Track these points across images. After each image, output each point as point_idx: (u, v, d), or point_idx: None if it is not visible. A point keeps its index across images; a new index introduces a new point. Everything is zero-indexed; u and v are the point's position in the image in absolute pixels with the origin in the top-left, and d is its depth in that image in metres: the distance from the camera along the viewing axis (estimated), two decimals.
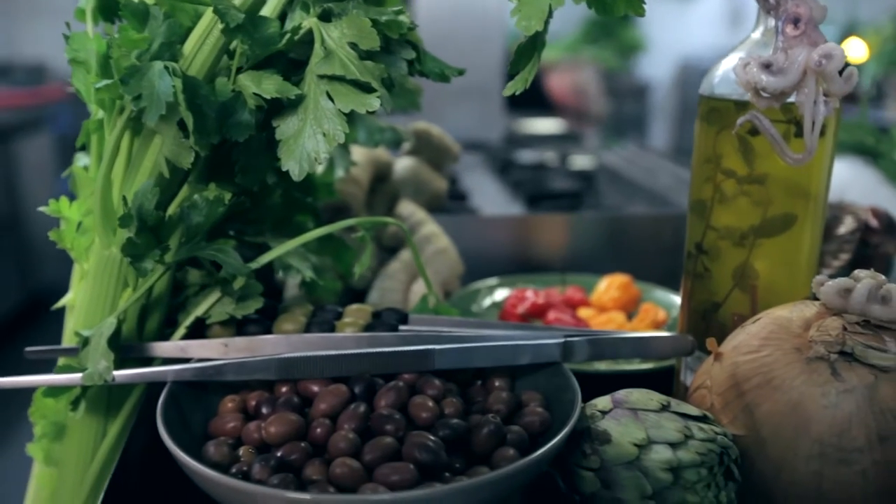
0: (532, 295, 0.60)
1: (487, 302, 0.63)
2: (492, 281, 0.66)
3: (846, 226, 0.55)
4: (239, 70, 0.39)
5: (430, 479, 0.35)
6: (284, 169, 0.38)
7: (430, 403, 0.39)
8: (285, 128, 0.39)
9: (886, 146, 0.64)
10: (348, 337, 0.44)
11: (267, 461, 0.35)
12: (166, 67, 0.34)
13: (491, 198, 1.42)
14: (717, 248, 0.46)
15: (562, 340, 0.44)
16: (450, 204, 1.31)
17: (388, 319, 0.47)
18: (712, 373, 0.40)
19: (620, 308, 0.61)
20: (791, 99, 0.41)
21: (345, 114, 0.38)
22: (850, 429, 0.34)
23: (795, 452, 0.35)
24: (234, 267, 0.40)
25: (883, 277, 0.37)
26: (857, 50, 3.04)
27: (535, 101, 3.24)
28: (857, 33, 3.12)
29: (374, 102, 0.38)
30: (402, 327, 0.46)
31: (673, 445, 0.36)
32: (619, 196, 1.48)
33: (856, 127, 0.65)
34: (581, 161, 1.82)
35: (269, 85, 0.38)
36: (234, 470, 0.36)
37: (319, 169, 0.57)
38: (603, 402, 0.39)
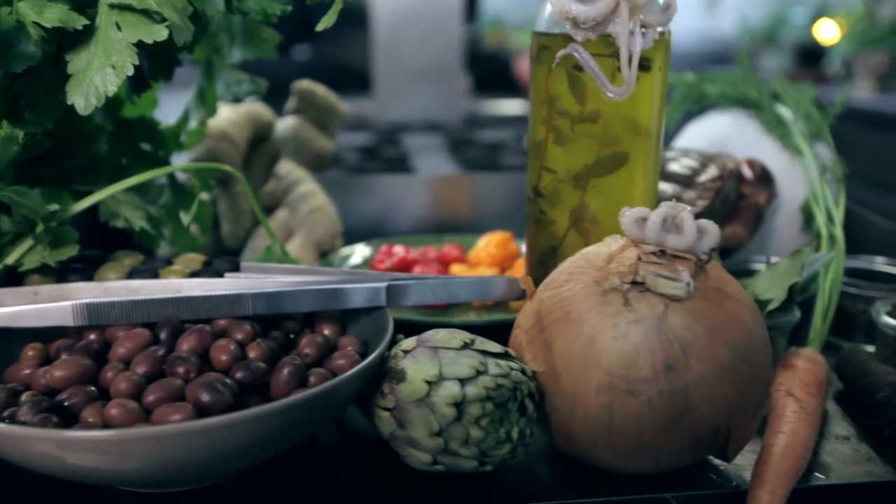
0: (401, 251, 0.59)
1: (358, 260, 0.62)
2: (367, 241, 0.65)
3: (707, 174, 0.54)
4: None
5: None
6: (70, 103, 0.37)
7: (232, 347, 0.38)
8: (77, 61, 0.38)
9: (767, 99, 0.63)
10: (168, 283, 0.43)
11: (37, 404, 0.34)
12: None
13: (438, 174, 1.41)
14: (554, 191, 0.45)
15: (385, 284, 0.42)
16: None
17: (218, 267, 0.45)
18: (524, 311, 0.39)
19: (496, 264, 0.60)
20: (609, 30, 0.40)
21: (134, 45, 0.37)
22: (638, 359, 0.34)
23: (587, 386, 0.34)
24: (28, 210, 0.38)
25: (682, 206, 0.36)
26: (829, 31, 3.03)
27: (502, 83, 3.22)
28: (828, 14, 3.11)
29: (162, 32, 0.37)
30: (228, 274, 0.45)
31: (463, 381, 0.35)
32: None
33: (739, 80, 0.64)
34: None
35: (52, 14, 0.37)
36: (5, 414, 0.35)
37: (162, 114, 0.55)
38: (409, 342, 0.38)
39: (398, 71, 2.01)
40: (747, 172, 0.59)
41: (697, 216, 0.53)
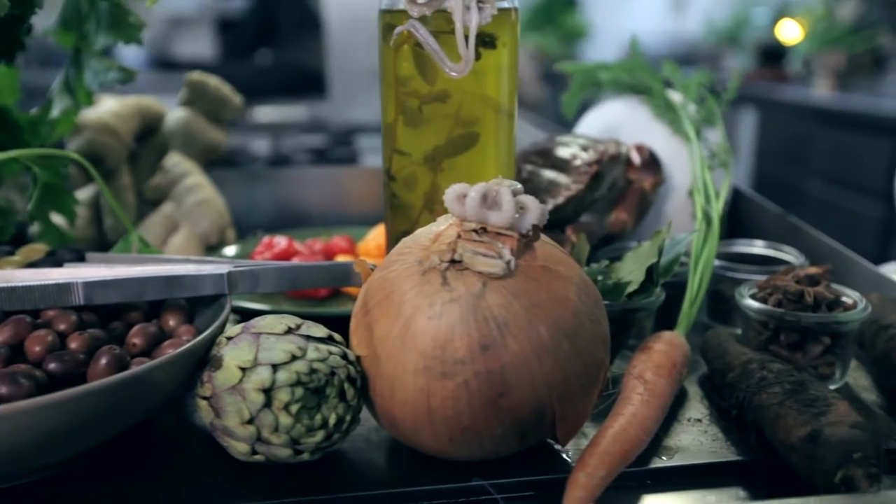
0: (283, 242, 0.57)
1: (237, 251, 0.60)
2: (252, 234, 0.64)
3: (583, 158, 0.53)
4: None
5: None
6: None
7: (50, 338, 0.36)
8: None
9: (657, 85, 0.63)
10: None
11: None
12: None
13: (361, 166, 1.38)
14: (410, 174, 0.44)
15: (226, 271, 0.41)
16: None
17: (60, 257, 0.44)
18: (359, 295, 0.38)
19: (383, 255, 0.59)
20: (445, 5, 0.39)
21: None
22: (453, 339, 0.32)
23: (404, 369, 0.33)
24: None
25: (507, 182, 0.35)
26: (791, 31, 3.06)
27: None
28: (789, 14, 3.14)
29: None
30: (68, 265, 0.43)
31: (276, 366, 0.33)
32: None
33: (633, 67, 0.63)
34: None
35: None
36: None
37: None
38: (235, 328, 0.37)
39: (353, 73, 1.99)
40: (635, 158, 0.59)
41: (572, 200, 0.52)
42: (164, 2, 3.30)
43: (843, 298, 0.43)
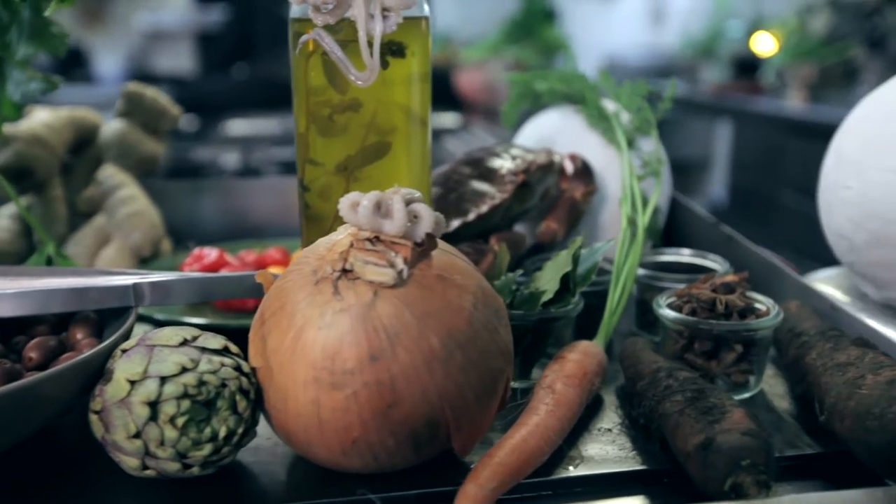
0: (213, 254, 0.57)
1: (168, 263, 0.60)
2: (191, 245, 0.63)
3: (509, 167, 0.53)
4: None
5: None
6: None
7: None
8: None
9: (592, 94, 0.63)
10: None
11: None
12: None
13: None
14: (321, 184, 0.43)
15: (131, 283, 0.40)
16: None
17: None
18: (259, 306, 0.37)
19: None
20: (348, 14, 0.39)
21: None
22: (342, 350, 0.32)
23: (295, 380, 0.33)
24: None
25: (405, 191, 0.34)
26: (766, 44, 3.10)
27: (445, 98, 3.24)
28: (763, 27, 3.17)
29: None
30: None
31: (164, 379, 0.33)
32: None
33: (569, 76, 0.63)
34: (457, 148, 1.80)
35: None
36: None
37: None
38: (132, 341, 0.36)
39: None
40: (568, 167, 0.59)
41: (497, 209, 0.52)
42: (144, 16, 3.29)
43: (757, 306, 0.43)
